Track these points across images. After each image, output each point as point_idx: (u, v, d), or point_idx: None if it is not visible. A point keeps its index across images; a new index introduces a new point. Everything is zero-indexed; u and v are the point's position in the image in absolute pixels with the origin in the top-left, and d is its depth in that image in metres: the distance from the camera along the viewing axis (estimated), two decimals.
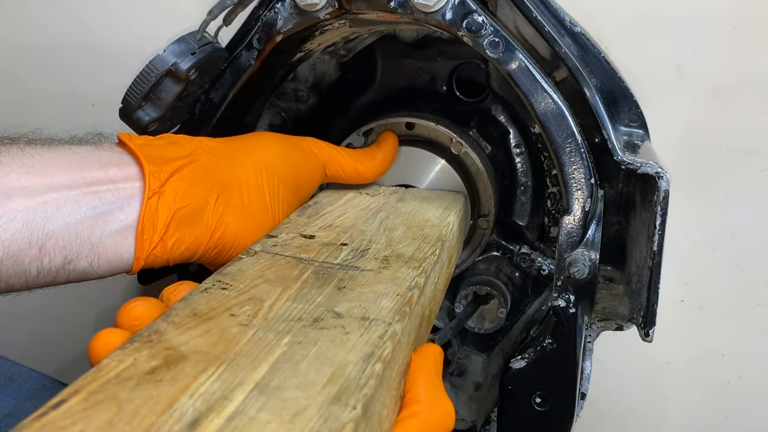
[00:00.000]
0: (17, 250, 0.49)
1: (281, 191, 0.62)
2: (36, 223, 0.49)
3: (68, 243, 0.51)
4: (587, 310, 0.64)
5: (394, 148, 0.71)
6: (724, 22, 0.75)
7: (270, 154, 0.62)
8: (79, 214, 0.51)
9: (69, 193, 0.51)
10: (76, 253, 0.51)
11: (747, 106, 0.77)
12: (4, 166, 0.49)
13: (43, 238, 0.50)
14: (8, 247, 0.48)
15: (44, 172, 0.51)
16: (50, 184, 0.51)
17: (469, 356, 0.84)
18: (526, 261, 0.77)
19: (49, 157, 0.52)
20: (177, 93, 0.63)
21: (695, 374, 0.90)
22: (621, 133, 0.67)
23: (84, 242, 0.52)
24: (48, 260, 0.50)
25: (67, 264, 0.51)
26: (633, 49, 0.75)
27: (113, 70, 0.83)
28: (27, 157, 0.51)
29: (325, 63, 0.76)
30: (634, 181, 0.67)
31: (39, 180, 0.50)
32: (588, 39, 0.66)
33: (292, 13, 0.64)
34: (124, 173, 0.54)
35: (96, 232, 0.52)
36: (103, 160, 0.54)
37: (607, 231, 0.68)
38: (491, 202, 0.73)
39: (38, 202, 0.50)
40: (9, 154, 0.50)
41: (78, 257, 0.51)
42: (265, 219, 0.60)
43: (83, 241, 0.51)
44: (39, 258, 0.50)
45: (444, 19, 0.60)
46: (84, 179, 0.52)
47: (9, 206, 0.48)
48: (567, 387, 0.65)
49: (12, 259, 0.49)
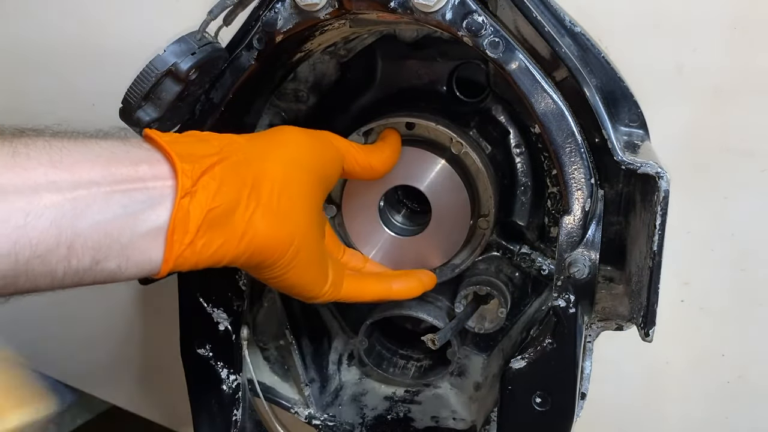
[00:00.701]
0: (45, 250, 0.46)
1: (310, 186, 0.61)
2: (65, 221, 0.47)
3: (97, 243, 0.48)
4: (587, 310, 0.64)
5: (399, 143, 0.71)
6: (724, 22, 0.75)
7: (297, 148, 0.61)
8: (108, 213, 0.49)
9: (98, 190, 0.48)
10: (105, 254, 0.49)
11: (747, 106, 0.77)
12: (31, 159, 0.47)
13: (72, 238, 0.47)
14: (36, 246, 0.46)
15: (72, 166, 0.48)
16: (79, 180, 0.48)
17: (469, 356, 0.84)
18: (526, 261, 0.77)
19: (77, 151, 0.49)
20: (177, 93, 0.63)
21: (695, 374, 0.90)
22: (621, 133, 0.67)
23: (113, 243, 0.49)
24: (76, 261, 0.48)
25: (95, 265, 0.49)
26: (633, 49, 0.75)
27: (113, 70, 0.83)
28: (55, 150, 0.48)
29: (325, 63, 0.76)
30: (634, 181, 0.67)
31: (67, 175, 0.48)
32: (588, 39, 0.66)
33: (292, 13, 0.64)
34: (154, 171, 0.51)
35: (126, 233, 0.50)
36: (132, 156, 0.51)
37: (607, 231, 0.68)
38: (491, 202, 0.73)
39: (67, 198, 0.47)
40: (36, 147, 0.48)
41: (107, 258, 0.49)
42: (294, 216, 0.59)
43: (113, 241, 0.49)
44: (67, 258, 0.47)
45: (444, 19, 0.60)
46: (113, 176, 0.49)
47: (37, 202, 0.46)
48: (567, 387, 0.65)
49: (39, 258, 0.46)
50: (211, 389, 0.76)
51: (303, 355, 0.82)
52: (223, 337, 0.75)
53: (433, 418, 0.83)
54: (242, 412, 0.77)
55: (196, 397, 0.77)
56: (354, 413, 0.83)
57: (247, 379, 0.79)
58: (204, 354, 0.75)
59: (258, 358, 0.83)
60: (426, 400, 0.85)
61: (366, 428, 0.81)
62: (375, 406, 0.84)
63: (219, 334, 0.75)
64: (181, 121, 0.69)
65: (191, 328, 0.75)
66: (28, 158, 0.47)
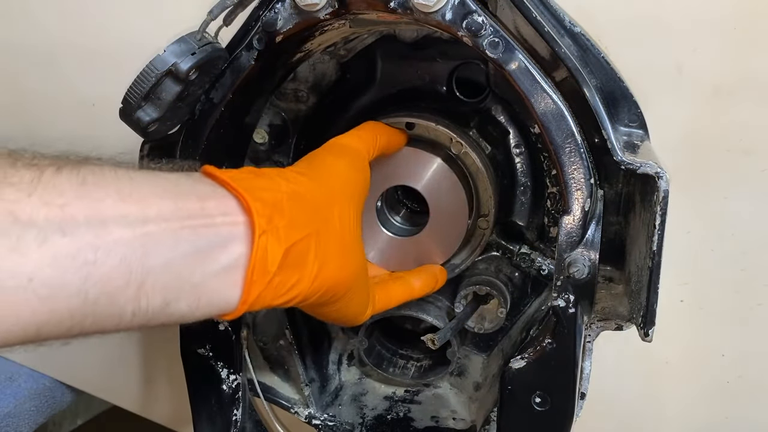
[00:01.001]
0: (114, 289, 0.43)
1: (359, 216, 0.60)
2: (135, 259, 0.43)
3: (168, 283, 0.45)
4: (587, 310, 0.64)
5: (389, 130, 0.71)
6: (724, 22, 0.75)
7: (353, 185, 0.60)
8: (178, 251, 0.46)
9: (168, 225, 0.45)
10: (175, 294, 0.46)
11: (747, 106, 0.77)
12: (99, 189, 0.43)
13: (143, 277, 0.44)
14: (104, 285, 0.42)
15: (141, 200, 0.45)
16: (148, 215, 0.45)
17: (469, 356, 0.84)
18: (525, 261, 0.77)
19: (145, 183, 0.46)
20: (177, 93, 0.63)
21: (695, 374, 0.90)
22: (621, 133, 0.67)
23: (184, 283, 0.46)
24: (146, 302, 0.45)
25: (166, 306, 0.46)
26: (633, 49, 0.75)
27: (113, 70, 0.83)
28: (123, 181, 0.45)
29: (325, 63, 0.76)
30: (634, 181, 0.67)
31: (137, 209, 0.44)
32: (588, 39, 0.66)
33: (292, 13, 0.64)
34: (222, 207, 0.49)
35: (197, 272, 0.47)
36: (199, 191, 0.49)
37: (607, 231, 0.68)
38: (491, 202, 0.73)
39: (137, 234, 0.44)
40: (103, 176, 0.44)
41: (177, 299, 0.46)
42: (356, 251, 0.59)
43: (183, 281, 0.46)
44: (137, 298, 0.44)
45: (444, 20, 0.60)
46: (182, 211, 0.47)
47: (106, 237, 0.42)
48: (567, 387, 0.65)
49: (108, 297, 0.43)
50: (211, 389, 0.76)
51: (303, 355, 0.82)
52: (223, 337, 0.75)
53: (433, 418, 0.83)
54: (242, 412, 0.77)
55: (196, 396, 0.77)
56: (354, 413, 0.83)
57: (247, 379, 0.79)
58: (204, 354, 0.75)
59: (258, 358, 0.83)
60: (426, 400, 0.85)
61: (366, 428, 0.82)
62: (375, 406, 0.84)
63: (219, 333, 0.75)
64: (181, 122, 0.69)
65: (191, 328, 0.75)
66: (96, 187, 0.44)
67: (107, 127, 0.67)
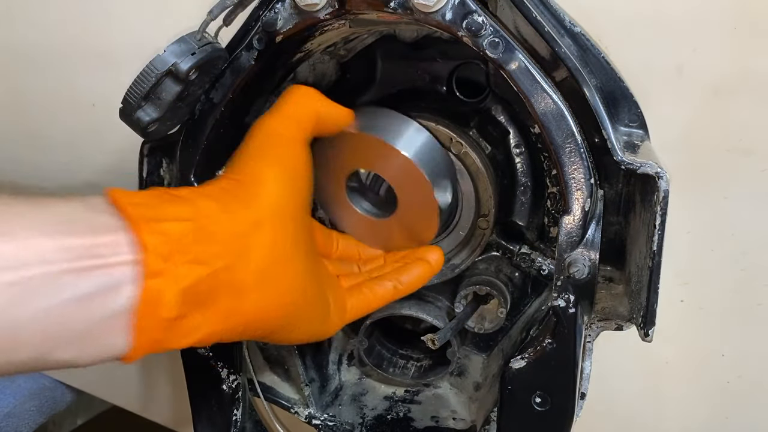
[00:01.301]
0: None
1: (297, 232, 0.54)
2: (8, 309, 0.40)
3: (47, 332, 0.42)
4: (587, 310, 0.64)
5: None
6: (724, 22, 0.75)
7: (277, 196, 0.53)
8: (59, 298, 0.42)
9: (49, 269, 0.41)
10: (54, 344, 0.43)
11: (747, 106, 0.77)
12: None
13: (12, 331, 0.41)
14: None
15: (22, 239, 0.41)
16: (25, 258, 0.41)
17: (469, 356, 0.84)
18: (525, 261, 0.77)
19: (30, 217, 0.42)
20: (177, 93, 0.63)
21: (695, 374, 0.90)
22: (621, 133, 0.67)
23: (67, 331, 0.43)
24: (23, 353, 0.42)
25: (47, 355, 0.43)
26: (633, 49, 0.75)
27: (113, 70, 0.84)
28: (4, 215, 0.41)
29: (324, 63, 0.76)
30: (634, 181, 0.67)
31: (11, 250, 0.40)
32: (588, 39, 0.66)
33: (292, 13, 0.64)
34: (116, 242, 0.44)
35: (80, 319, 0.43)
36: (95, 223, 0.44)
37: (607, 231, 0.68)
38: (491, 202, 0.73)
39: (8, 281, 0.40)
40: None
41: (57, 348, 0.43)
42: (287, 279, 0.53)
43: (65, 329, 0.43)
44: (11, 350, 0.41)
45: (444, 20, 0.61)
46: (68, 252, 0.42)
47: None
48: (567, 387, 0.65)
49: None
50: (211, 389, 0.76)
51: (303, 355, 0.82)
52: None
53: (433, 418, 0.83)
54: (242, 412, 0.77)
55: (196, 396, 0.77)
56: (354, 413, 0.83)
57: (247, 379, 0.79)
58: (204, 354, 0.75)
59: (258, 358, 0.83)
60: (426, 400, 0.85)
61: (366, 428, 0.82)
62: (375, 406, 0.84)
63: None
64: (181, 121, 0.69)
65: None
66: None
67: (107, 127, 0.67)
